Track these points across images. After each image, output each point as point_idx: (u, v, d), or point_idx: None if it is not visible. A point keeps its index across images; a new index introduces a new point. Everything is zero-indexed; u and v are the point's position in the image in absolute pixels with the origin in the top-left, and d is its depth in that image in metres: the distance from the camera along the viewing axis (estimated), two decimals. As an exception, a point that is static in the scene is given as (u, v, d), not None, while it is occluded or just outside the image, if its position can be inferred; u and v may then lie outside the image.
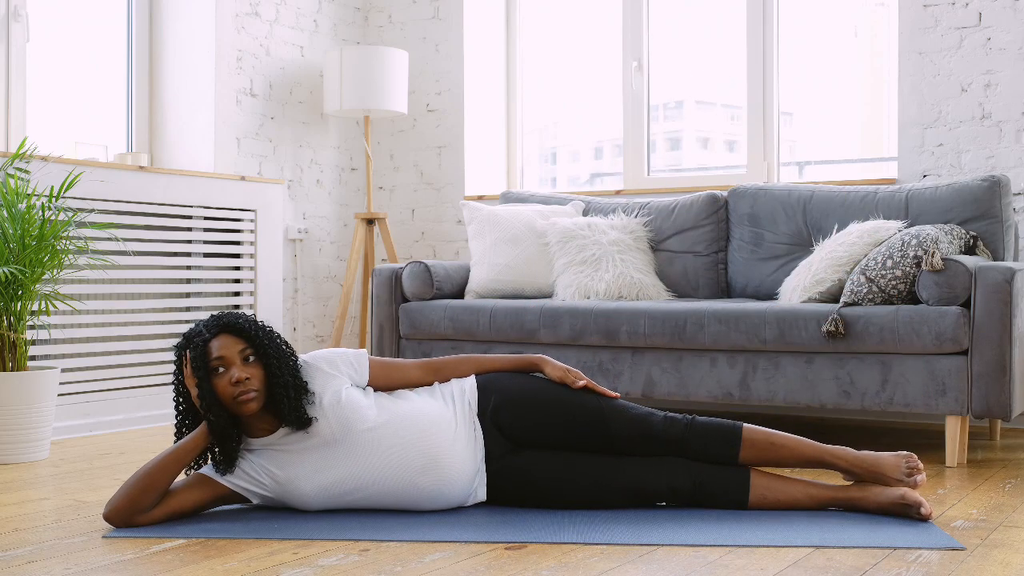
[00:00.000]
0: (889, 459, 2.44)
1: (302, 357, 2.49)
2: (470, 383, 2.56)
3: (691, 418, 2.50)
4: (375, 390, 2.54)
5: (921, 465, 2.43)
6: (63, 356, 3.80)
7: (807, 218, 3.87)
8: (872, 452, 2.47)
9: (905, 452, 2.45)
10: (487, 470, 2.48)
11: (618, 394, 2.59)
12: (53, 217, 3.30)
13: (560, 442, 2.50)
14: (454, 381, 2.58)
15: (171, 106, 4.57)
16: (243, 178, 4.45)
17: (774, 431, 2.50)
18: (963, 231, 3.40)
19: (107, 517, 2.30)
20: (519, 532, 2.26)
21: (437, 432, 2.43)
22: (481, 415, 2.50)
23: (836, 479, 2.85)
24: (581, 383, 2.54)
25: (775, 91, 4.52)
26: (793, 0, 4.55)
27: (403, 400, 2.51)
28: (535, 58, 5.25)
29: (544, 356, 2.63)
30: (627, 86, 4.85)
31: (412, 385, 2.59)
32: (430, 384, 2.59)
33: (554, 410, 2.51)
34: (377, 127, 5.23)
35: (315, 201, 5.03)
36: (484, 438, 2.48)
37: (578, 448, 2.51)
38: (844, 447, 2.49)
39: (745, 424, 2.49)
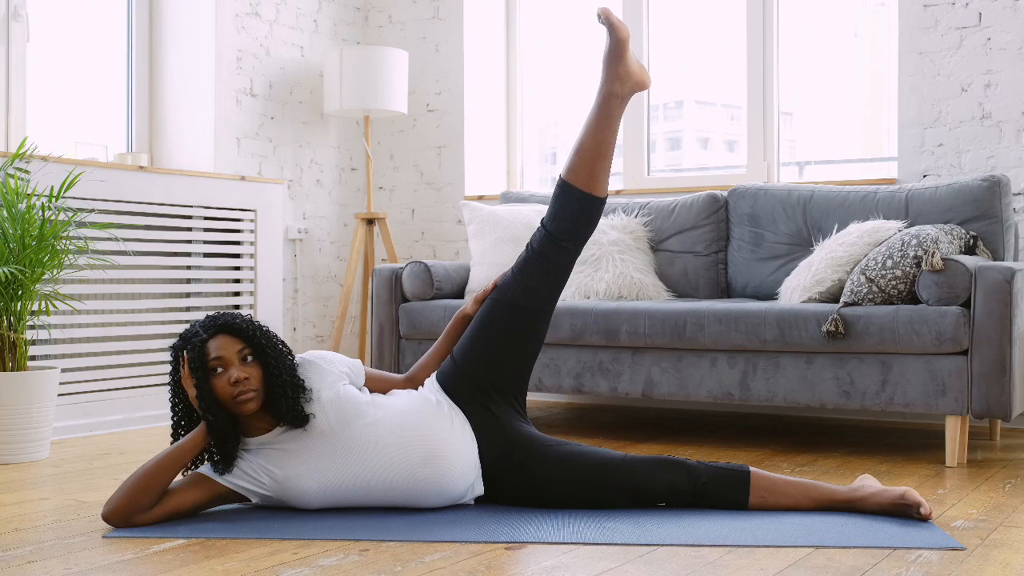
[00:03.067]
0: None
1: (300, 356, 2.51)
2: (431, 380, 2.61)
3: None
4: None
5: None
6: (63, 356, 3.80)
7: (807, 218, 3.87)
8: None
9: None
10: (482, 461, 2.48)
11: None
12: (53, 217, 3.30)
13: (491, 342, 2.55)
14: (427, 381, 2.62)
15: (171, 106, 4.56)
16: (243, 178, 4.45)
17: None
18: (963, 231, 3.40)
19: (106, 517, 2.30)
20: (519, 532, 2.26)
21: (434, 424, 2.45)
22: (457, 401, 2.53)
23: (836, 479, 2.85)
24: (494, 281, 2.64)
25: (775, 91, 4.52)
26: (793, 0, 4.55)
27: (398, 396, 2.54)
28: (535, 58, 5.24)
29: (466, 304, 2.71)
30: (627, 86, 4.84)
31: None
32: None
33: (475, 325, 2.59)
34: (377, 127, 5.23)
35: (315, 201, 5.03)
36: (471, 424, 2.49)
37: (503, 336, 2.56)
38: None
39: None
